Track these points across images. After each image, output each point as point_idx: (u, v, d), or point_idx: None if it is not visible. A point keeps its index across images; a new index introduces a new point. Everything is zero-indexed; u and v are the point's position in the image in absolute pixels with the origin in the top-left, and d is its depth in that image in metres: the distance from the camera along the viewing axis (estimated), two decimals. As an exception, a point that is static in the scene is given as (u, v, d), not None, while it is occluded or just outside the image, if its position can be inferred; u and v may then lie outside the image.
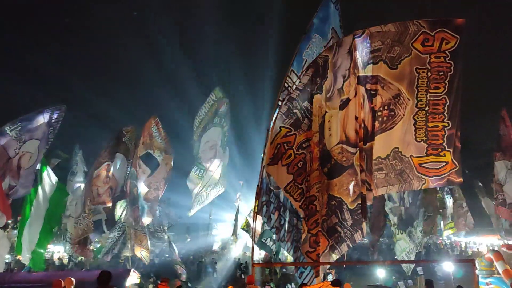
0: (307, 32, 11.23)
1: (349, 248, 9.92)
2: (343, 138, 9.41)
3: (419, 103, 9.05)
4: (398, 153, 9.30)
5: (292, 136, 9.56)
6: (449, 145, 9.00)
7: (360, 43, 9.11)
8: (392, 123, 9.30)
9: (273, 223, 11.19)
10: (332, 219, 9.43)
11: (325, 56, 9.46)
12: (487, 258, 13.10)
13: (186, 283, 20.84)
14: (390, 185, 9.49)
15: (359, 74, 9.21)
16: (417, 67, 8.91)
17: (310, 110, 9.57)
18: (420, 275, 19.99)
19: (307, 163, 9.55)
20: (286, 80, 10.90)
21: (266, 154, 9.77)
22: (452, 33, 8.63)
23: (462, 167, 9.17)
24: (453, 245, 35.66)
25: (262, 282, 17.10)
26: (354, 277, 20.50)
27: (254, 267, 10.18)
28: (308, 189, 9.42)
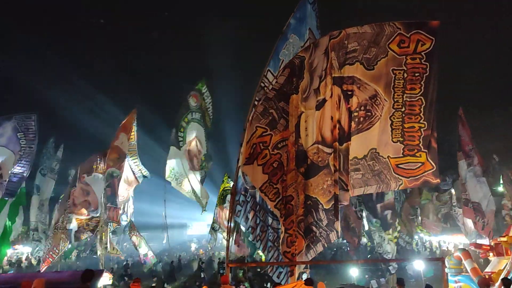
0: (284, 32, 11.24)
1: (324, 248, 9.99)
2: (319, 139, 9.47)
3: (395, 104, 9.18)
4: (375, 154, 9.41)
5: (268, 136, 9.55)
6: (425, 146, 9.15)
7: (336, 44, 9.19)
8: (369, 124, 9.40)
9: (249, 222, 11.19)
10: (308, 219, 9.46)
11: (302, 57, 9.49)
12: (456, 256, 13.47)
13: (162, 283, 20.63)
14: (368, 186, 9.60)
15: (335, 74, 9.28)
16: (394, 68, 9.04)
17: (286, 110, 9.58)
18: (392, 273, 20.34)
19: (283, 163, 9.56)
20: (263, 80, 10.89)
21: (242, 154, 9.73)
22: (428, 35, 8.79)
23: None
24: (425, 244, 36.46)
25: (237, 282, 17.04)
26: (328, 276, 20.70)
27: (229, 267, 10.14)
28: (285, 189, 9.42)
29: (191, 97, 20.25)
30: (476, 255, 16.02)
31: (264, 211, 11.15)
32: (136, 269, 25.53)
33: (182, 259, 33.63)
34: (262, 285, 17.98)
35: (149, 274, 22.45)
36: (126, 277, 21.51)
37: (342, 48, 9.19)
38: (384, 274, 20.95)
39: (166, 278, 23.15)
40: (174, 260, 29.16)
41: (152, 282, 19.67)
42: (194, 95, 20.41)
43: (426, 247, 35.79)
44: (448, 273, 12.61)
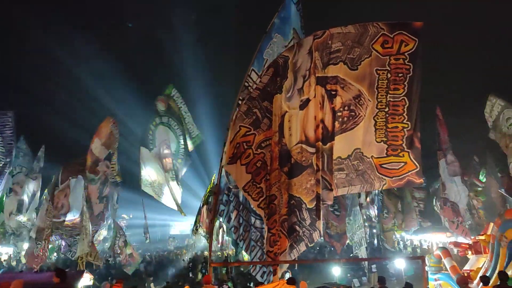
0: (268, 31, 11.23)
1: (307, 247, 10.02)
2: (302, 138, 9.48)
3: (379, 104, 9.25)
4: (359, 154, 9.47)
5: (252, 135, 9.53)
6: (408, 146, 9.24)
7: (320, 44, 9.23)
8: (353, 124, 9.45)
9: (232, 222, 11.15)
10: (291, 218, 9.47)
11: (286, 56, 9.50)
12: (436, 255, 13.72)
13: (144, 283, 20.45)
14: (352, 186, 9.64)
15: (319, 74, 9.31)
16: (377, 68, 9.11)
17: (270, 110, 9.57)
18: (373, 272, 20.57)
19: (267, 163, 9.56)
20: (247, 79, 10.86)
21: (225, 153, 9.70)
22: (411, 35, 8.88)
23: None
24: (405, 243, 36.98)
25: (220, 282, 17.00)
26: (311, 275, 20.80)
27: (211, 267, 10.09)
28: (268, 188, 9.42)
29: (159, 102, 20.40)
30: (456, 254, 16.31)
31: (247, 211, 11.13)
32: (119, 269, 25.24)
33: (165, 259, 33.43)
34: (245, 285, 17.95)
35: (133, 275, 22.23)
36: (109, 277, 21.23)
37: (326, 48, 9.23)
38: (366, 273, 21.18)
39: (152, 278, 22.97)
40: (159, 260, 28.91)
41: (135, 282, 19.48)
42: (161, 100, 20.54)
43: (407, 246, 36.32)
44: (428, 271, 12.81)
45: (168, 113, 20.49)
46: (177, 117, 20.68)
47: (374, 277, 19.66)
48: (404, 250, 34.94)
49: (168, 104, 20.58)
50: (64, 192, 18.89)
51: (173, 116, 20.66)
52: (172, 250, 44.12)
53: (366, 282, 19.88)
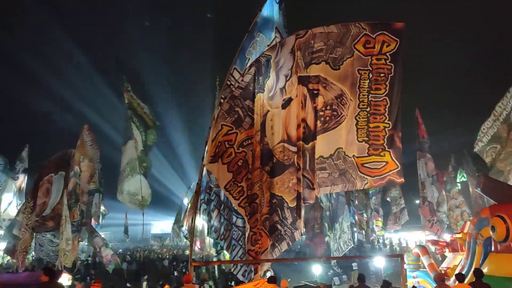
0: (251, 30, 11.21)
1: (289, 246, 10.04)
2: (285, 137, 9.50)
3: (360, 104, 9.35)
4: (342, 153, 9.54)
5: (233, 134, 9.51)
6: (389, 145, 9.36)
7: (302, 43, 9.26)
8: (335, 123, 9.53)
9: (213, 221, 11.12)
10: (273, 217, 9.47)
11: (268, 55, 9.51)
12: (415, 253, 13.92)
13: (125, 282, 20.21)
14: (334, 185, 9.72)
15: (301, 74, 9.34)
16: (359, 68, 9.20)
17: (252, 109, 9.56)
18: (354, 270, 20.78)
19: (248, 161, 9.55)
20: (229, 78, 10.83)
21: (207, 152, 9.65)
22: (392, 36, 9.01)
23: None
24: (385, 242, 37.53)
25: (201, 281, 16.92)
26: (292, 273, 20.88)
27: (192, 266, 10.03)
28: (250, 187, 9.41)
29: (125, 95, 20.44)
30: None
31: (229, 210, 11.11)
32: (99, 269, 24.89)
33: (146, 258, 33.15)
34: (226, 284, 17.93)
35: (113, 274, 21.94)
36: (87, 277, 20.91)
37: (308, 47, 9.27)
38: (346, 271, 21.37)
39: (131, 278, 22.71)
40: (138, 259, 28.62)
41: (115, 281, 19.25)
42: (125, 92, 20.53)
43: (386, 244, 36.84)
44: (407, 269, 13.02)
45: (130, 107, 20.47)
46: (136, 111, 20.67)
47: (354, 275, 19.85)
48: (383, 248, 35.43)
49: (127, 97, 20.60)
50: (45, 189, 18.40)
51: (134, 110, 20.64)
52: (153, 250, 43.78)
53: (347, 280, 20.07)
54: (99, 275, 18.65)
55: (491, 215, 10.55)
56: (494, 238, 10.37)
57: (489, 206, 11.80)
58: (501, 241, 10.15)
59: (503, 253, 10.13)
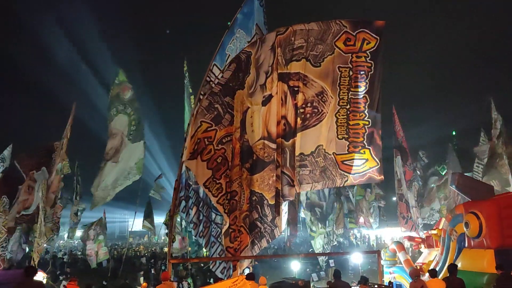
0: (231, 27, 11.14)
1: (268, 243, 10.03)
2: (265, 134, 9.48)
3: (340, 101, 9.39)
4: (322, 150, 9.55)
5: (213, 131, 9.44)
6: (369, 143, 9.42)
7: (283, 40, 9.24)
8: (316, 120, 9.54)
9: (191, 218, 11.03)
10: (253, 214, 9.46)
11: (248, 52, 9.47)
12: (391, 249, 14.13)
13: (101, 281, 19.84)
14: (315, 182, 9.73)
15: (282, 71, 9.33)
16: (340, 65, 9.24)
17: (231, 105, 9.51)
18: (331, 266, 20.94)
19: (227, 158, 9.50)
20: (208, 74, 10.73)
21: (186, 148, 9.55)
22: (373, 34, 9.10)
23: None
24: (363, 238, 38.03)
25: (179, 278, 16.79)
26: (271, 270, 20.97)
27: (170, 263, 9.94)
28: (229, 185, 9.37)
29: (122, 88, 19.80)
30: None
31: (208, 207, 11.04)
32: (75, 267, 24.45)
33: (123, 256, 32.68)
34: (205, 281, 17.84)
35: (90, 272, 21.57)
36: (62, 276, 20.49)
37: (288, 44, 9.27)
38: (324, 268, 21.54)
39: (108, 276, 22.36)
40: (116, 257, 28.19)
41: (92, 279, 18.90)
42: (126, 87, 19.98)
43: (364, 241, 37.33)
44: (384, 265, 13.21)
45: (129, 101, 19.88)
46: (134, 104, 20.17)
47: (332, 272, 20.01)
48: (362, 244, 35.90)
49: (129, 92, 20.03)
50: (27, 186, 17.78)
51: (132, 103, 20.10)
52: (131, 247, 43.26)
53: (324, 276, 20.23)
54: (74, 274, 18.27)
55: (465, 212, 10.80)
56: (467, 234, 10.62)
57: (463, 203, 12.09)
58: (474, 237, 10.40)
59: (476, 249, 10.39)
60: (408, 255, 13.28)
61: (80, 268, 25.11)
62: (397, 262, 13.65)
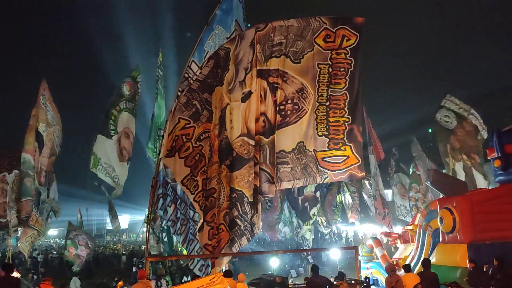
0: (210, 23, 11.04)
1: (248, 242, 9.93)
2: (244, 131, 9.42)
3: (319, 98, 9.35)
4: (303, 147, 9.50)
5: (191, 128, 9.35)
6: (349, 140, 9.39)
7: (262, 37, 9.20)
8: (296, 117, 9.49)
9: (169, 216, 10.91)
10: (233, 212, 9.38)
11: (227, 48, 9.40)
12: (368, 245, 14.35)
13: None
14: (297, 179, 9.65)
15: (261, 67, 9.28)
16: (319, 62, 9.21)
17: (210, 102, 9.44)
18: (310, 262, 21.15)
19: (204, 155, 9.43)
20: (187, 70, 10.62)
21: (163, 145, 9.44)
22: (353, 30, 9.08)
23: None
24: (341, 234, 38.47)
25: (158, 276, 16.64)
26: (249, 267, 21.05)
27: (148, 261, 9.83)
28: (207, 182, 9.29)
29: (125, 85, 18.89)
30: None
31: (185, 204, 10.93)
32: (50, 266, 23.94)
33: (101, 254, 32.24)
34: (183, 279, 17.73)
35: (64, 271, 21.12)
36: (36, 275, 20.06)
37: (268, 40, 9.23)
38: (303, 264, 21.73)
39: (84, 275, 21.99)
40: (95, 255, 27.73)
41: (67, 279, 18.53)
42: (128, 83, 19.09)
43: (342, 237, 37.78)
44: (361, 261, 13.41)
45: (133, 99, 19.14)
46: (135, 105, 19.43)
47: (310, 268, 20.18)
48: (339, 240, 36.31)
49: (134, 89, 19.19)
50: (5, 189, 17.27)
51: (135, 103, 19.36)
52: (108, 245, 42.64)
53: (303, 272, 20.40)
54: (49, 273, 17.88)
55: (440, 207, 11.04)
56: (442, 229, 10.87)
57: (438, 199, 12.35)
58: (448, 232, 10.65)
59: (450, 244, 10.64)
60: (384, 250, 13.50)
61: (55, 267, 24.58)
62: (374, 258, 13.87)
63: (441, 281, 8.79)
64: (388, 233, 16.94)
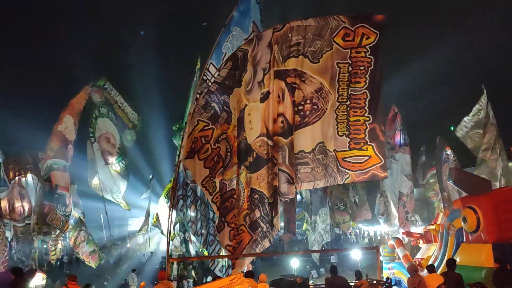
0: (227, 24, 11.12)
1: (270, 244, 9.84)
2: (263, 131, 9.42)
3: (340, 97, 9.25)
4: (323, 148, 9.42)
5: (210, 130, 9.43)
6: (371, 139, 9.25)
7: (280, 37, 9.18)
8: (315, 117, 9.42)
9: (189, 217, 11.05)
10: (255, 213, 9.38)
11: (245, 50, 9.43)
12: (390, 245, 14.18)
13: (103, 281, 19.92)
14: (318, 180, 9.57)
15: (279, 68, 9.27)
16: (338, 61, 9.11)
17: (228, 104, 9.51)
18: (332, 262, 20.99)
19: (222, 157, 9.48)
20: (205, 73, 10.73)
21: (183, 147, 9.55)
22: (372, 28, 8.93)
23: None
24: (362, 234, 38.08)
25: (179, 277, 16.82)
26: (270, 267, 20.99)
27: (169, 262, 9.95)
28: (228, 183, 9.35)
29: (94, 93, 19.59)
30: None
31: (205, 205, 11.05)
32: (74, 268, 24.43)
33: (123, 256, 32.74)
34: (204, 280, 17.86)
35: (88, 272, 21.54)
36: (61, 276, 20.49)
37: (286, 41, 9.21)
38: (324, 264, 21.59)
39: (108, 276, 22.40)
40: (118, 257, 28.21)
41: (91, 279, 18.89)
42: (96, 91, 19.77)
43: (364, 237, 37.38)
44: (383, 261, 13.26)
45: (107, 104, 19.84)
46: (114, 109, 20.10)
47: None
48: (361, 240, 35.93)
49: (104, 95, 19.91)
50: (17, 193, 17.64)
51: (111, 107, 20.05)
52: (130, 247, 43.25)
53: (324, 273, 20.27)
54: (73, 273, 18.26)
55: (463, 207, 10.82)
56: (465, 228, 10.65)
57: (461, 197, 12.11)
58: (472, 231, 10.43)
59: (474, 243, 10.42)
60: (407, 250, 13.32)
61: (78, 268, 25.04)
62: (395, 258, 13.69)
63: (465, 281, 8.62)
64: (410, 233, 16.70)
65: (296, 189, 9.76)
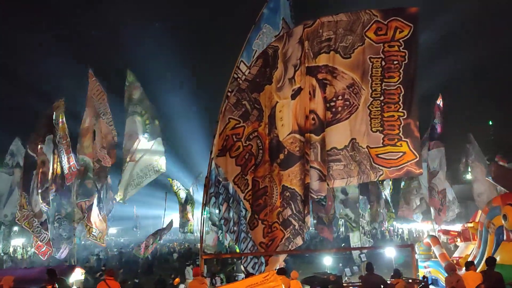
0: (257, 22, 11.14)
1: (303, 241, 9.76)
2: (295, 128, 9.37)
3: (373, 93, 9.02)
4: (356, 144, 9.23)
5: (241, 128, 9.48)
6: (405, 135, 8.97)
7: (310, 33, 9.10)
8: (348, 113, 9.24)
9: (222, 214, 11.16)
10: (287, 210, 9.34)
11: (275, 46, 9.41)
12: (425, 243, 13.85)
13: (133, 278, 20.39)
14: (351, 177, 9.40)
15: (310, 64, 9.18)
16: (371, 56, 8.90)
17: (259, 101, 9.52)
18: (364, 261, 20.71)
19: (254, 154, 9.51)
20: (236, 71, 10.78)
21: (214, 145, 9.65)
22: (406, 21, 8.65)
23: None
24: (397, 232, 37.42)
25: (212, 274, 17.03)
26: (303, 265, 20.97)
27: (202, 259, 10.10)
28: (261, 180, 9.37)
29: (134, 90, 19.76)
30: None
31: (237, 203, 11.13)
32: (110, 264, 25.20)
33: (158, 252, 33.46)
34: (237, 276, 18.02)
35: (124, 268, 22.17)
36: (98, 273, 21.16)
37: (316, 37, 9.11)
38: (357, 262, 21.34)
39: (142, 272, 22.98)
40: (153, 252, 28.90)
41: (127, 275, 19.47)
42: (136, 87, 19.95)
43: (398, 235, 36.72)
44: (418, 259, 12.96)
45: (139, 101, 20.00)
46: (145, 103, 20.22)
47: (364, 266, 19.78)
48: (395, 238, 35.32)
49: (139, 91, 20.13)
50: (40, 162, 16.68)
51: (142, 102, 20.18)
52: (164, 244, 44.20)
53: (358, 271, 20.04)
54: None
55: (503, 204, 10.45)
56: (506, 226, 10.30)
57: (501, 194, 11.69)
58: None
59: (516, 242, 10.05)
60: (443, 249, 12.98)
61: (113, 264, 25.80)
62: (431, 256, 13.37)
63: (505, 281, 8.33)
64: (447, 231, 16.28)
65: (328, 186, 9.62)
